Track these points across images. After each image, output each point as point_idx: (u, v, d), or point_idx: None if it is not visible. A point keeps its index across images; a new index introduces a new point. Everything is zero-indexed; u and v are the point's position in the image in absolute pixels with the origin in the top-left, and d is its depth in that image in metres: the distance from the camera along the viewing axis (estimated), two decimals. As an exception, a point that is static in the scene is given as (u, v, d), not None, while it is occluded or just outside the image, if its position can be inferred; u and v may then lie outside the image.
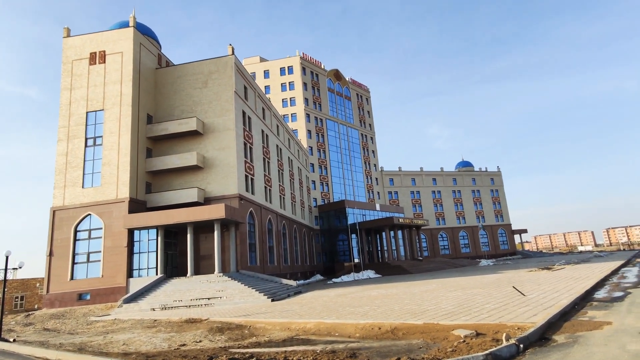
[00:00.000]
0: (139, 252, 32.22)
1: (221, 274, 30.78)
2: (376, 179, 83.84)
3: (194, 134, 36.38)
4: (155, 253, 31.87)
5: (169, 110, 37.97)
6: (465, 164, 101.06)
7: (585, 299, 15.00)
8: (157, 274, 31.16)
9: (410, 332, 11.11)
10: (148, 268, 31.79)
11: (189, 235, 31.99)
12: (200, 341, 12.83)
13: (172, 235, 34.62)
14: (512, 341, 8.13)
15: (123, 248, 31.54)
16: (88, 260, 32.01)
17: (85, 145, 34.29)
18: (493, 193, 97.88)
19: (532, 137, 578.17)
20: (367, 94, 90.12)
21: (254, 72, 71.45)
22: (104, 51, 36.04)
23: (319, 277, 53.38)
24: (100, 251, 31.92)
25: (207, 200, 34.95)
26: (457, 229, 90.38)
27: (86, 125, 34.72)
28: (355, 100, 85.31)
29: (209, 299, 26.13)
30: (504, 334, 8.60)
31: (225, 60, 38.20)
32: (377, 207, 68.23)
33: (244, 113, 39.34)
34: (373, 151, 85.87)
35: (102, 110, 34.73)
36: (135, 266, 31.94)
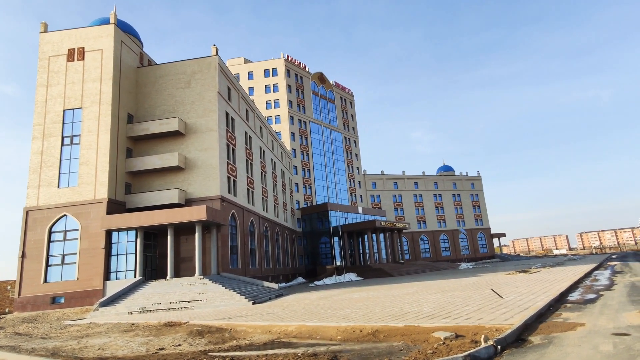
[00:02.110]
0: (117, 254, 31.45)
1: (202, 277, 30.34)
2: (359, 182, 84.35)
3: (175, 135, 35.84)
4: (134, 255, 31.18)
5: (151, 110, 37.31)
6: (447, 169, 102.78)
7: (559, 301, 15.43)
8: (135, 277, 30.48)
9: (391, 334, 11.19)
10: (126, 270, 31.07)
11: (169, 237, 31.43)
12: (179, 345, 12.60)
13: (151, 237, 33.95)
14: (490, 342, 8.28)
15: (100, 250, 30.73)
16: (63, 263, 31.04)
17: (62, 144, 33.31)
18: (473, 197, 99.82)
19: (512, 143, 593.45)
20: (351, 97, 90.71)
21: (238, 73, 71.01)
22: (83, 48, 35.17)
23: (300, 280, 53.22)
24: (76, 253, 31.00)
25: (189, 202, 34.45)
26: (438, 233, 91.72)
27: (63, 123, 33.75)
28: (339, 104, 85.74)
29: (189, 301, 25.70)
30: (483, 336, 8.76)
31: (208, 60, 37.83)
32: (360, 210, 68.60)
33: (227, 114, 39.00)
34: (356, 154, 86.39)
35: (81, 108, 33.84)
36: (113, 268, 31.16)
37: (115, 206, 32.29)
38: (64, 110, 34.02)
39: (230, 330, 15.23)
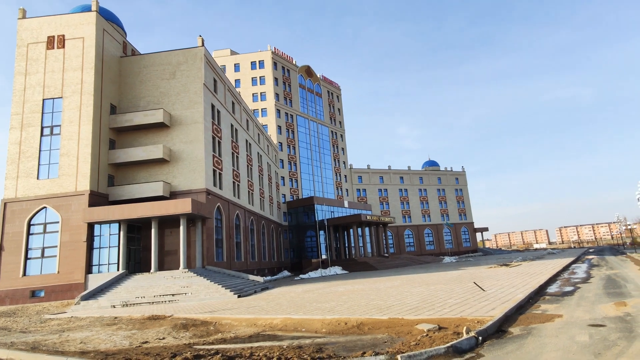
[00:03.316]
0: (99, 247, 30.94)
1: (186, 270, 30.11)
2: (345, 176, 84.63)
3: (160, 126, 35.25)
4: (117, 248, 30.73)
5: (134, 101, 36.56)
6: (432, 164, 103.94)
7: (539, 294, 15.86)
8: (118, 270, 30.06)
9: (375, 327, 11.33)
10: (109, 264, 30.61)
11: (153, 230, 31.04)
12: (163, 338, 12.51)
13: (135, 230, 33.46)
14: (472, 334, 8.48)
15: (82, 243, 30.16)
16: (43, 256, 30.36)
17: (42, 134, 32.42)
18: (457, 192, 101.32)
19: (496, 139, 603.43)
20: (338, 91, 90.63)
21: (224, 65, 70.10)
22: (63, 35, 34.14)
23: (286, 273, 53.33)
24: (56, 246, 30.34)
25: (173, 195, 34.03)
26: (423, 227, 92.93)
27: (42, 113, 32.81)
28: (326, 97, 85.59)
29: (173, 295, 25.50)
30: (465, 328, 8.95)
31: (194, 51, 37.20)
32: (346, 204, 68.92)
33: (213, 106, 38.52)
34: (343, 148, 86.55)
35: (61, 97, 32.93)
36: (95, 262, 30.66)
37: (97, 198, 31.68)
38: (43, 100, 33.05)
39: (215, 323, 15.19)
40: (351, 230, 62.92)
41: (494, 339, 8.68)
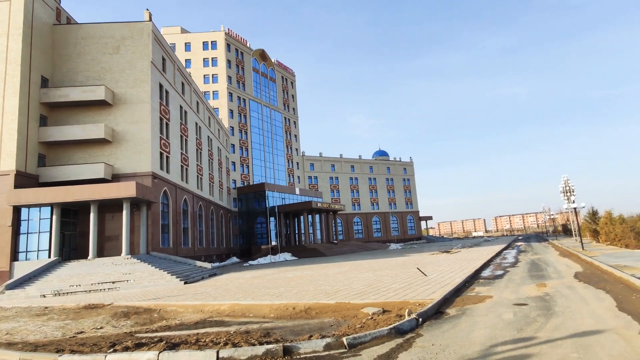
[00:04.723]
0: (28, 233, 28.54)
1: (129, 256, 28.73)
2: (297, 163, 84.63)
3: (101, 104, 32.84)
4: (48, 234, 28.53)
5: (71, 75, 33.66)
6: (382, 153, 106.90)
7: (474, 277, 17.09)
8: (50, 257, 27.98)
9: (323, 311, 11.60)
10: (39, 250, 28.38)
11: (92, 215, 29.16)
12: (101, 327, 11.92)
13: (70, 214, 31.22)
14: (413, 316, 8.97)
15: (7, 227, 27.63)
16: (-39, 241, 27.42)
17: (-41, 106, 28.91)
18: (405, 182, 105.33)
19: (443, 132, 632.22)
20: (293, 77, 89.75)
21: (174, 44, 66.55)
22: (-13, -4, 30.42)
23: (235, 259, 52.72)
24: (-23, 231, 27.51)
25: (116, 178, 32.07)
26: (371, 215, 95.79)
27: (-40, 82, 29.21)
28: (280, 83, 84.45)
29: (113, 282, 24.26)
30: (407, 310, 9.45)
31: (141, 26, 34.86)
32: (297, 191, 69.11)
33: (161, 86, 36.53)
34: (295, 135, 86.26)
35: (-17, 66, 29.48)
36: (22, 248, 28.26)
37: (25, 179, 29.03)
38: (-39, 67, 29.41)
39: (160, 310, 14.72)
40: (302, 217, 63.33)
41: (432, 320, 9.25)
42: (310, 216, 63.33)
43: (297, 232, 66.35)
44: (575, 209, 34.88)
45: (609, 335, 7.13)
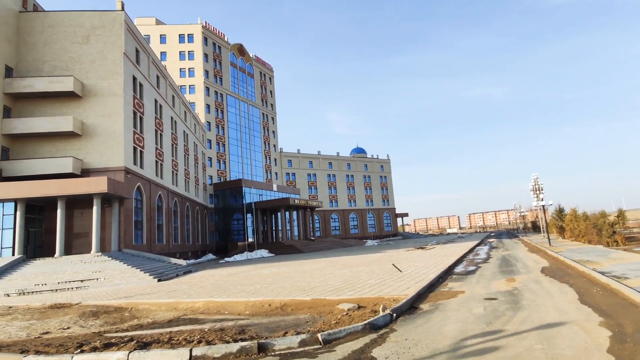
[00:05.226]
0: (-9, 229, 27.22)
1: (99, 254, 27.86)
2: (275, 159, 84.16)
3: (70, 96, 31.59)
4: (11, 230, 27.32)
5: (37, 65, 32.20)
6: (359, 151, 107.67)
7: (448, 273, 17.51)
8: (13, 255, 26.80)
9: (298, 307, 11.62)
10: (2, 248, 27.20)
11: (59, 211, 28.08)
12: (68, 327, 11.52)
13: (36, 211, 29.97)
14: (387, 311, 9.11)
15: (-32, 224, 26.25)
16: None
17: None
18: (382, 179, 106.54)
19: (420, 131, 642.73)
20: (271, 73, 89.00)
21: (149, 35, 64.69)
22: (-56, -22, 28.68)
23: (211, 256, 52.00)
24: None
25: (86, 172, 30.97)
26: (348, 211, 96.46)
27: None
28: (259, 78, 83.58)
29: (82, 281, 23.47)
30: (381, 306, 9.58)
31: (113, 15, 33.69)
32: (274, 187, 68.76)
33: (134, 79, 35.46)
34: (273, 131, 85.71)
35: (-60, 53, 27.81)
36: (-15, 246, 26.94)
37: (-11, 174, 27.66)
38: None
39: (131, 309, 14.36)
40: (279, 213, 63.08)
41: (406, 315, 9.42)
42: (287, 213, 63.16)
43: (274, 228, 66.05)
44: (543, 206, 36.21)
45: (571, 327, 7.47)
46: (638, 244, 27.84)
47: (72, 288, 22.71)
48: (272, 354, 7.10)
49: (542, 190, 34.97)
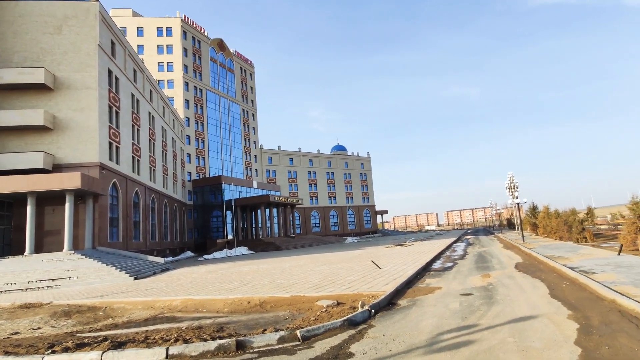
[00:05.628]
0: (-44, 227, 25.99)
1: (72, 252, 27.01)
2: (255, 156, 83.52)
3: (41, 88, 30.40)
4: (-21, 228, 26.12)
5: (6, 55, 30.84)
6: (340, 148, 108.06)
7: (425, 269, 17.82)
8: (-18, 253, 25.67)
9: (278, 304, 11.60)
10: (-32, 246, 25.96)
11: (29, 207, 27.06)
12: (38, 328, 11.15)
13: (4, 207, 28.79)
14: (366, 308, 9.20)
15: None
16: None
17: None
18: (362, 176, 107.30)
19: (400, 128, 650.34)
20: (252, 69, 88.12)
21: (125, 27, 62.88)
22: None
23: (189, 254, 51.26)
24: None
25: (58, 168, 29.92)
26: (329, 209, 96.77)
27: None
28: (239, 74, 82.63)
29: (53, 280, 22.72)
30: (360, 302, 9.67)
31: (86, 5, 32.56)
32: (255, 184, 68.28)
33: (110, 72, 34.42)
34: (254, 128, 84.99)
35: None
36: (-51, 244, 25.71)
37: (-47, 168, 26.37)
38: None
39: (106, 308, 14.01)
40: (259, 210, 62.68)
41: (385, 311, 9.54)
42: (267, 210, 62.83)
43: (254, 225, 65.61)
44: (518, 204, 37.29)
45: (542, 320, 7.74)
46: (605, 240, 29.07)
47: (43, 287, 21.96)
48: (251, 351, 7.07)
49: (517, 188, 35.98)
